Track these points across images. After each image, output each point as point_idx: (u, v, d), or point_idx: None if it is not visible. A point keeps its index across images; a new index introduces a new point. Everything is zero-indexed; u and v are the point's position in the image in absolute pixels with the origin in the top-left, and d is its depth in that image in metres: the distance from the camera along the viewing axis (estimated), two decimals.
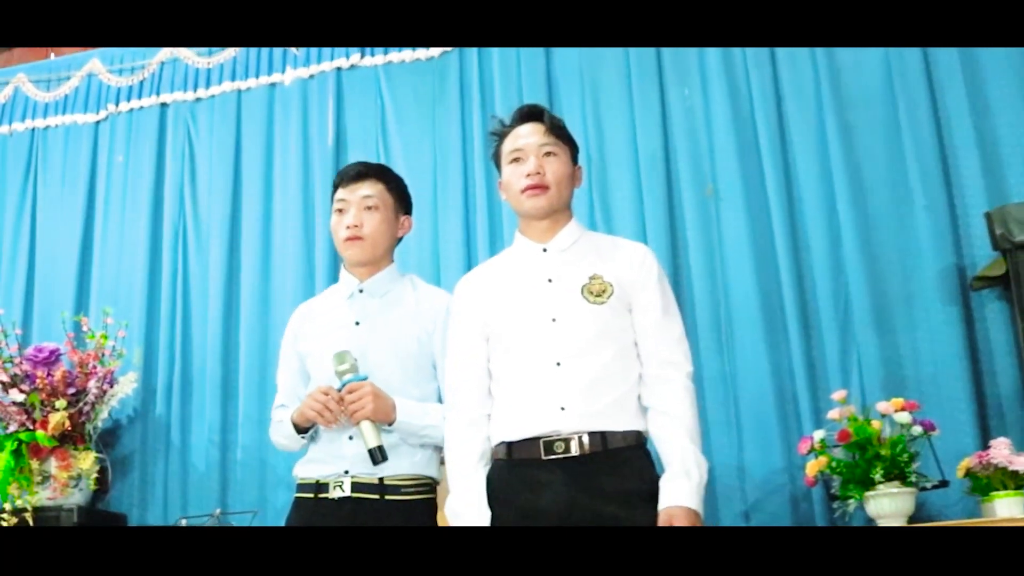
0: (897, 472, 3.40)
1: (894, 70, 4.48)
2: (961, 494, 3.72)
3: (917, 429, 3.48)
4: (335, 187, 2.91)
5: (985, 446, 3.69)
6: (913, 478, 3.43)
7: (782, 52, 4.67)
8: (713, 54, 4.74)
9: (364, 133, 5.13)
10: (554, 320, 2.50)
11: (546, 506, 2.39)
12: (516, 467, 2.45)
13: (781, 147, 4.56)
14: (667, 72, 4.82)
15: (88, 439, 4.65)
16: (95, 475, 4.61)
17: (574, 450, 2.40)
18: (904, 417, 3.47)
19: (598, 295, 2.51)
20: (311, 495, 2.75)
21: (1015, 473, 3.33)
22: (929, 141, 4.34)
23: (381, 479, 2.67)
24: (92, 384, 4.60)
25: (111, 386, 4.68)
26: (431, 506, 2.76)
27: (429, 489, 2.76)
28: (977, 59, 4.40)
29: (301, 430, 2.78)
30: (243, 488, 4.81)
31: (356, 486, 2.68)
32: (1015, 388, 3.99)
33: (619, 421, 2.43)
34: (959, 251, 4.23)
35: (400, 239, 2.98)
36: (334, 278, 4.83)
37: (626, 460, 2.42)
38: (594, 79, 4.90)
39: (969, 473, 3.50)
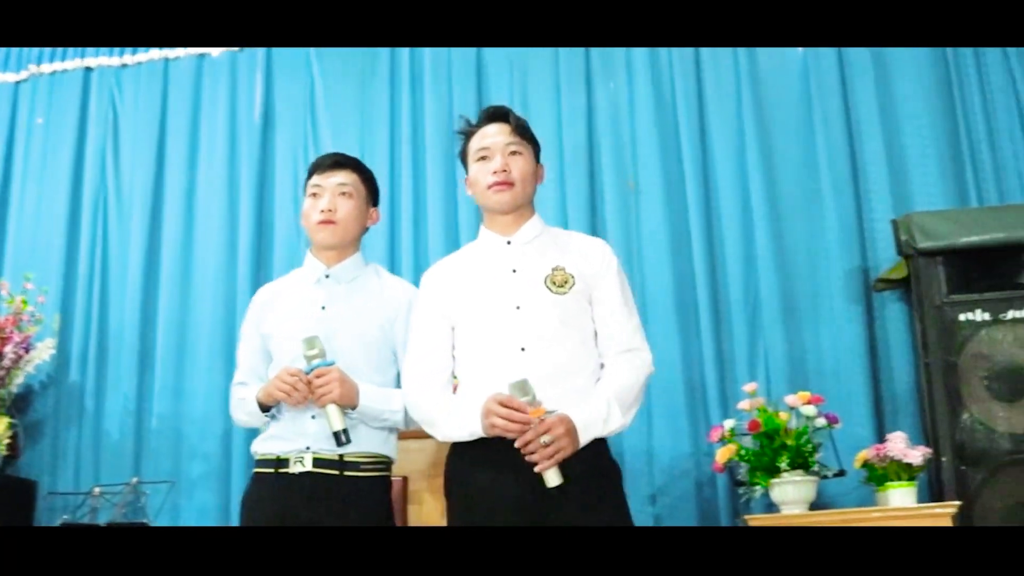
0: (801, 461, 3.61)
1: (812, 78, 4.70)
2: (857, 483, 3.95)
3: (821, 421, 3.69)
4: (309, 174, 2.98)
5: (881, 439, 3.93)
6: (816, 467, 3.64)
7: (706, 53, 4.85)
8: (639, 53, 4.89)
9: (293, 110, 5.16)
10: (518, 308, 2.59)
11: (506, 484, 2.45)
12: (478, 445, 2.53)
13: (701, 145, 4.75)
14: (594, 68, 4.96)
15: (1, 404, 4.61)
16: (7, 440, 4.57)
17: None
18: (810, 410, 3.67)
19: (560, 285, 2.61)
20: (271, 470, 2.80)
21: (909, 465, 3.56)
22: (841, 147, 4.58)
23: (341, 456, 2.76)
24: (8, 349, 4.56)
25: (27, 352, 4.64)
26: (387, 483, 2.85)
27: (385, 467, 2.85)
28: (889, 74, 4.66)
29: (264, 408, 2.85)
30: (157, 458, 4.80)
31: (317, 461, 2.75)
32: (910, 385, 4.25)
33: (581, 403, 2.52)
34: (864, 253, 4.47)
35: (366, 229, 3.06)
36: (257, 253, 4.91)
37: (586, 443, 2.52)
38: (523, 70, 5.02)
39: (866, 464, 3.71)
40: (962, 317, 3.87)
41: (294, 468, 2.77)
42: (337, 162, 2.98)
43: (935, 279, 3.95)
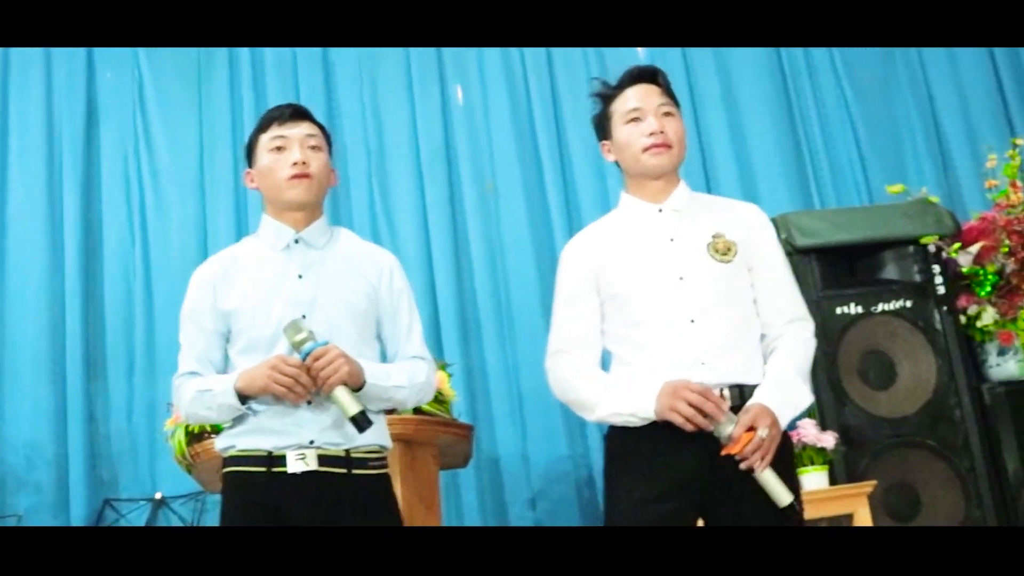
0: None
1: None
2: None
3: None
4: (263, 128, 2.58)
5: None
6: None
7: (558, 56, 4.91)
8: (491, 54, 4.87)
9: (119, 107, 4.74)
10: (681, 279, 2.45)
11: (684, 456, 2.33)
12: (654, 424, 2.40)
13: (558, 147, 4.80)
14: (447, 69, 4.89)
15: None
16: None
17: None
18: None
19: (724, 253, 2.47)
20: (261, 468, 2.39)
21: (823, 450, 3.71)
22: (693, 153, 4.72)
23: (347, 451, 2.41)
24: None
25: None
26: (390, 481, 2.57)
27: (386, 463, 2.57)
28: (732, 82, 4.90)
29: (242, 400, 2.45)
30: None
31: (322, 459, 2.38)
32: None
33: (753, 376, 2.42)
34: None
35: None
36: (85, 258, 4.43)
37: None
38: (372, 72, 4.88)
39: None
40: (838, 311, 4.09)
41: (294, 467, 2.38)
42: (299, 111, 2.57)
43: (811, 275, 4.15)
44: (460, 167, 4.75)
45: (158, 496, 4.25)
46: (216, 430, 3.28)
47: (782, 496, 2.27)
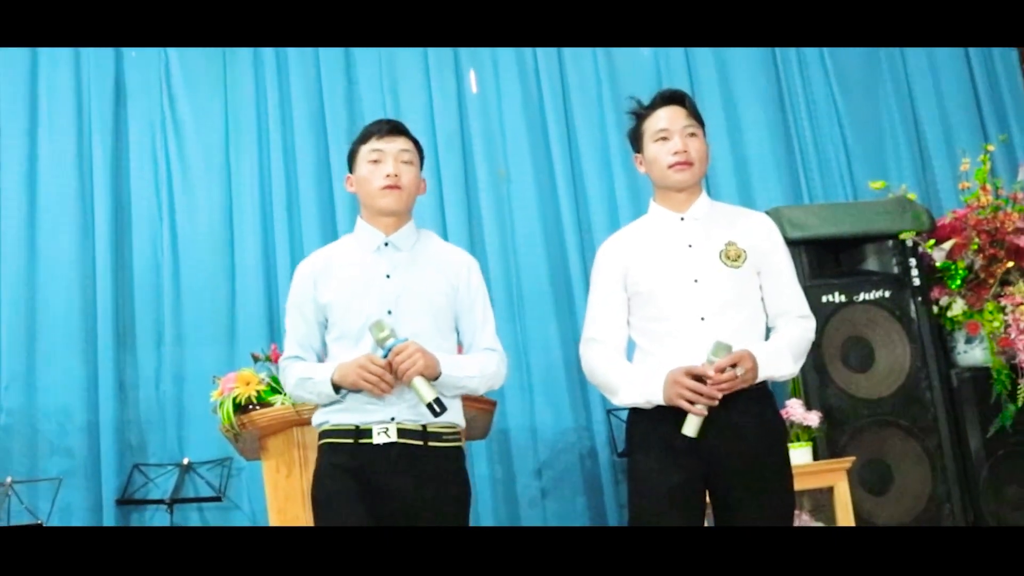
0: None
1: (662, 74, 5.14)
2: None
3: None
4: (363, 140, 2.90)
5: None
6: None
7: (568, 52, 5.17)
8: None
9: (146, 84, 4.95)
10: (696, 281, 2.79)
11: (685, 437, 2.64)
12: (657, 408, 2.73)
13: (567, 135, 5.09)
14: (462, 57, 5.15)
15: None
16: None
17: None
18: None
19: (735, 259, 2.81)
20: (350, 440, 2.76)
21: (808, 427, 4.06)
22: None
23: (424, 426, 2.76)
24: None
25: None
26: (463, 453, 2.91)
27: (460, 437, 2.90)
28: (730, 83, 5.20)
29: (336, 389, 2.79)
30: (9, 457, 4.45)
31: (401, 432, 2.74)
32: None
33: None
34: None
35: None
36: (115, 231, 4.66)
37: (757, 398, 2.75)
38: (391, 60, 5.12)
39: None
40: (823, 299, 4.42)
41: (378, 439, 2.75)
42: (395, 127, 2.93)
43: (799, 265, 4.44)
44: (474, 154, 5.02)
45: (185, 461, 4.49)
46: (261, 402, 3.60)
47: (689, 428, 2.63)
